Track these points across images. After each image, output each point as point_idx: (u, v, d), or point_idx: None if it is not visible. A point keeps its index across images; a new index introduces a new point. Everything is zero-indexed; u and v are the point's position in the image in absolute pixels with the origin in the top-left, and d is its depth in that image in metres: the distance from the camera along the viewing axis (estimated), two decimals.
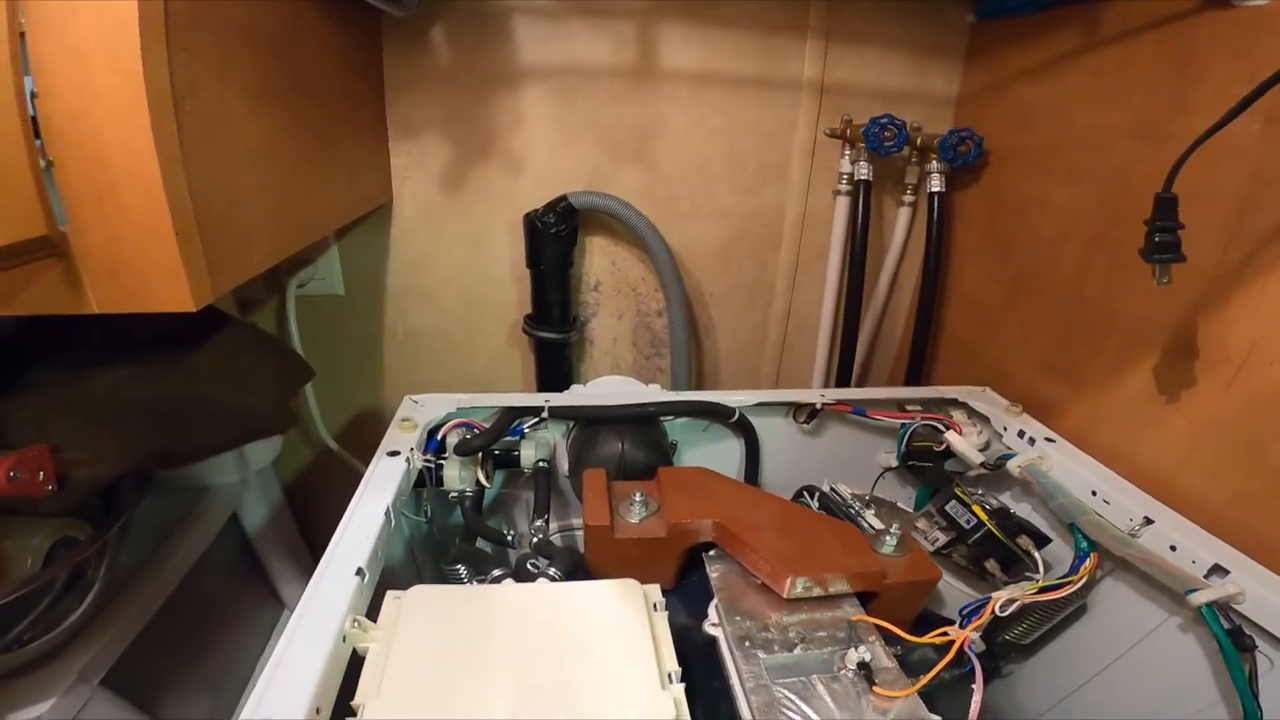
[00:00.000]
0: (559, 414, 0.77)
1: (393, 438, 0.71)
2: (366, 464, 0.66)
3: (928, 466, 0.81)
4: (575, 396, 0.79)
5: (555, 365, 1.00)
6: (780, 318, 1.04)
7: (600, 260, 0.98)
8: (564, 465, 0.83)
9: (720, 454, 0.83)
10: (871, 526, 0.71)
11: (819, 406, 0.80)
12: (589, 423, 0.78)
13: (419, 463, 0.69)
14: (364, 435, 1.09)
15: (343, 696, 0.43)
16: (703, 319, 1.04)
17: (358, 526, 0.57)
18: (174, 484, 0.89)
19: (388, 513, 0.59)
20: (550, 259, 0.90)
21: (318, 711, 0.40)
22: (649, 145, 0.92)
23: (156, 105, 0.41)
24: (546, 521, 0.71)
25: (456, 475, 0.74)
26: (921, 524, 0.73)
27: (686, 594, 0.64)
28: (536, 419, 0.78)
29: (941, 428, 0.79)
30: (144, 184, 0.41)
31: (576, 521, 0.88)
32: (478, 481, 0.76)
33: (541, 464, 0.78)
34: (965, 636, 0.51)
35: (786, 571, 0.56)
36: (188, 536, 0.83)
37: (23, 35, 0.38)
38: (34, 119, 0.39)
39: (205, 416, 0.74)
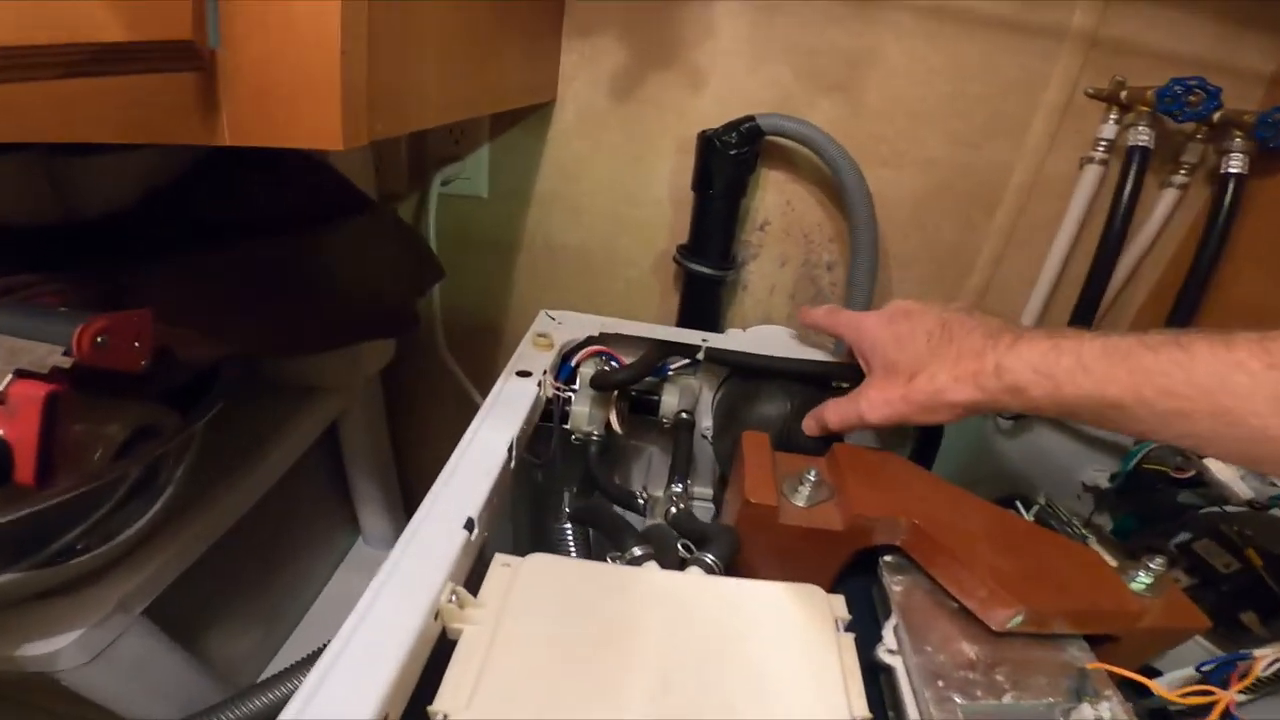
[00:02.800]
0: (718, 358, 0.66)
1: (526, 354, 0.61)
2: (479, 387, 0.57)
3: (1154, 494, 0.65)
4: (737, 341, 0.68)
5: (703, 305, 0.89)
6: (973, 294, 0.88)
7: (774, 197, 0.85)
8: (703, 421, 0.72)
9: (881, 442, 0.70)
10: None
11: None
12: (749, 375, 0.66)
13: (550, 390, 0.60)
14: (479, 355, 1.02)
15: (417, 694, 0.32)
16: (878, 283, 0.89)
17: (473, 463, 0.47)
18: (277, 380, 0.83)
19: (510, 448, 0.50)
20: (722, 183, 0.78)
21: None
22: (855, 77, 0.77)
23: None
24: (686, 488, 0.61)
25: (586, 414, 0.64)
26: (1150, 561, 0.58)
27: None
28: (687, 360, 0.68)
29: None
30: None
31: (700, 490, 0.77)
32: (608, 424, 0.66)
33: (684, 415, 0.68)
34: (1230, 699, 0.41)
35: (1009, 598, 0.42)
36: (280, 444, 0.75)
37: None
38: None
39: (331, 302, 0.67)
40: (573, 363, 0.65)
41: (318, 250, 0.65)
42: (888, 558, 0.51)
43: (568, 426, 0.65)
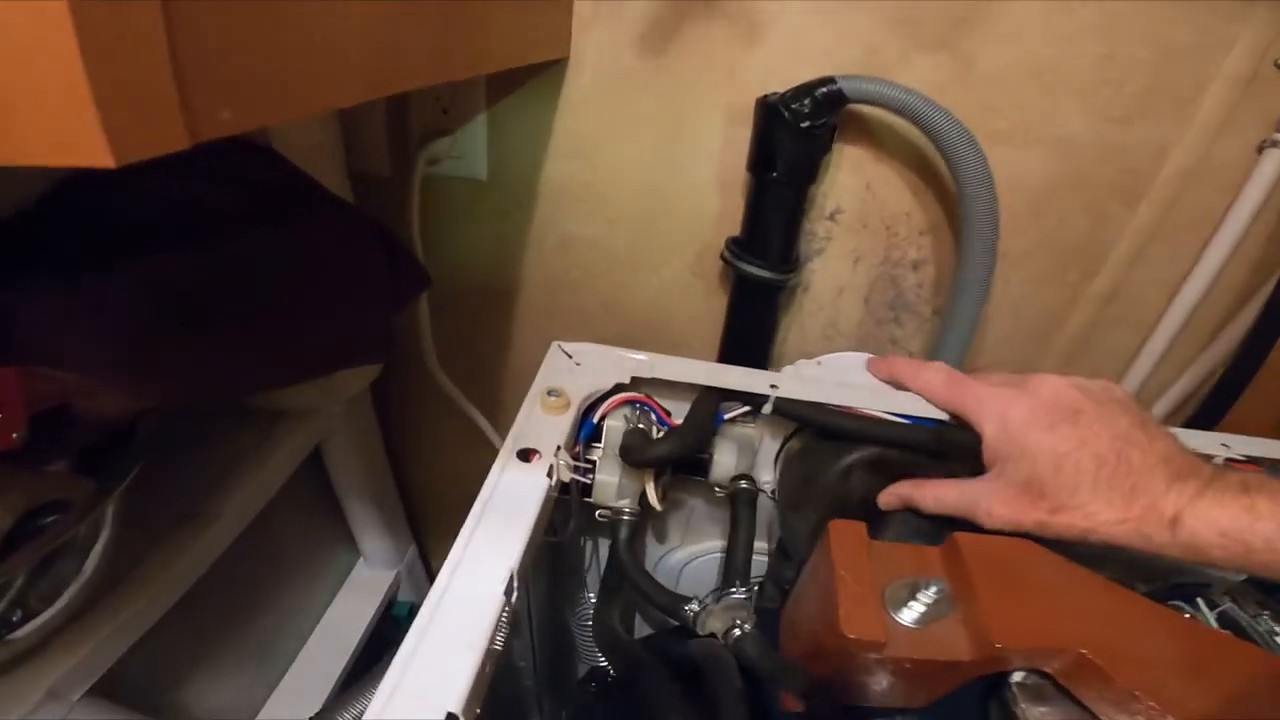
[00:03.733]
0: (792, 413, 0.49)
1: (530, 422, 0.45)
2: (482, 406, 0.42)
3: None
4: (809, 379, 0.51)
5: (756, 316, 0.72)
6: (1097, 300, 0.70)
7: (849, 179, 0.67)
8: (761, 475, 0.56)
9: None
10: None
11: (1221, 461, 0.49)
12: (828, 433, 0.50)
13: (567, 473, 0.44)
14: (480, 370, 0.86)
15: None
16: None
17: (453, 622, 0.33)
18: (243, 405, 0.69)
19: (510, 586, 0.34)
20: (789, 164, 0.60)
21: None
22: (964, 31, 0.58)
23: None
24: (754, 592, 0.45)
25: (615, 485, 0.48)
26: None
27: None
28: (745, 409, 0.51)
29: None
30: None
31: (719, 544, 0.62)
32: (642, 498, 0.50)
33: (744, 484, 0.52)
34: None
35: None
36: (248, 483, 0.63)
37: None
38: None
39: (274, 329, 0.51)
40: (595, 417, 0.49)
41: (250, 263, 0.48)
42: (1020, 678, 0.38)
43: (591, 500, 0.49)
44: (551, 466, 0.42)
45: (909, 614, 0.37)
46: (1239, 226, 0.61)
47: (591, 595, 0.56)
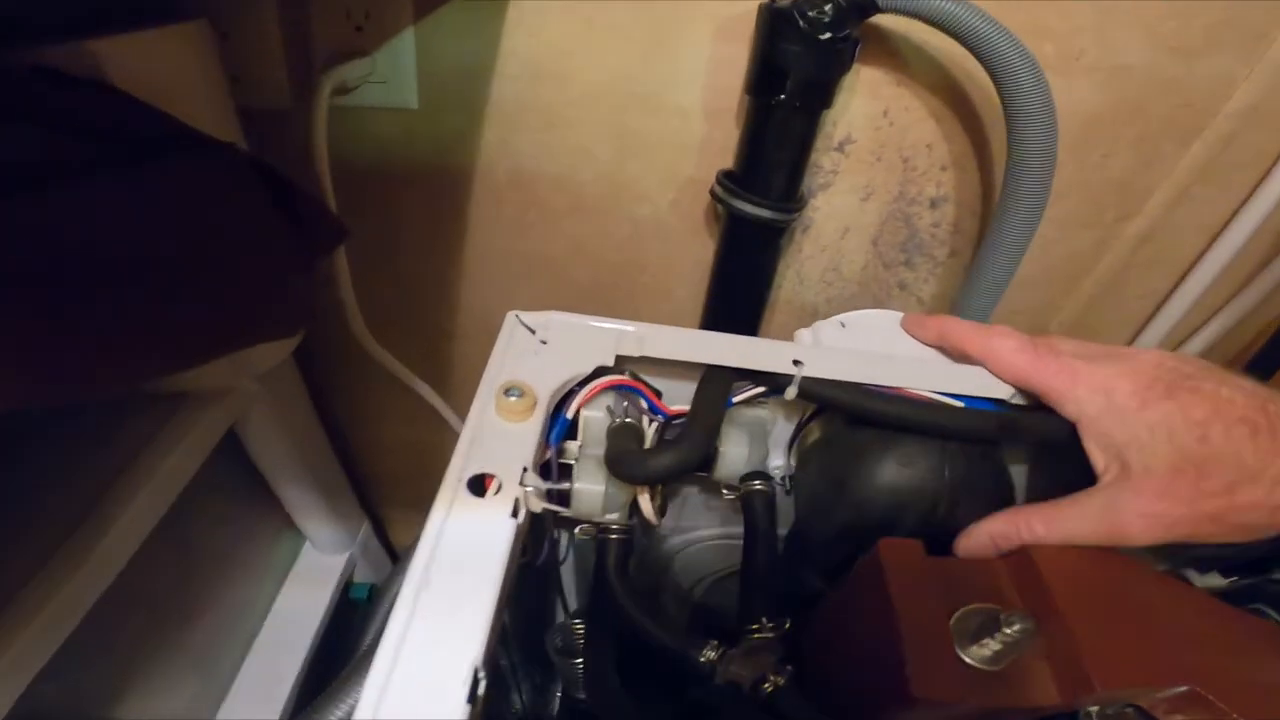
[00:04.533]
0: (822, 397, 0.39)
1: (481, 435, 0.34)
2: (424, 373, 0.33)
3: None
4: (845, 356, 0.40)
5: (752, 260, 0.62)
6: (1130, 242, 0.62)
7: (865, 105, 0.56)
8: (773, 459, 0.47)
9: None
10: None
11: None
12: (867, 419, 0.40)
13: (537, 503, 0.34)
14: (421, 334, 0.75)
15: None
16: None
17: None
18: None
19: (473, 694, 0.25)
20: (802, 83, 0.48)
21: None
22: None
23: None
24: (780, 629, 0.37)
25: (599, 496, 0.39)
26: None
27: None
28: (759, 390, 0.41)
29: None
30: None
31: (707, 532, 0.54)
32: (634, 508, 0.41)
33: (759, 484, 0.42)
34: None
35: None
36: (150, 473, 0.52)
37: None
38: None
39: (129, 311, 0.39)
40: (569, 413, 0.39)
41: (103, 229, 0.36)
42: (1099, 708, 0.32)
43: (569, 513, 0.40)
44: (517, 500, 0.31)
45: (983, 651, 0.31)
46: None
47: (576, 624, 0.47)
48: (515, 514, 0.31)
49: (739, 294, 0.65)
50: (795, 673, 0.35)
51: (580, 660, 0.46)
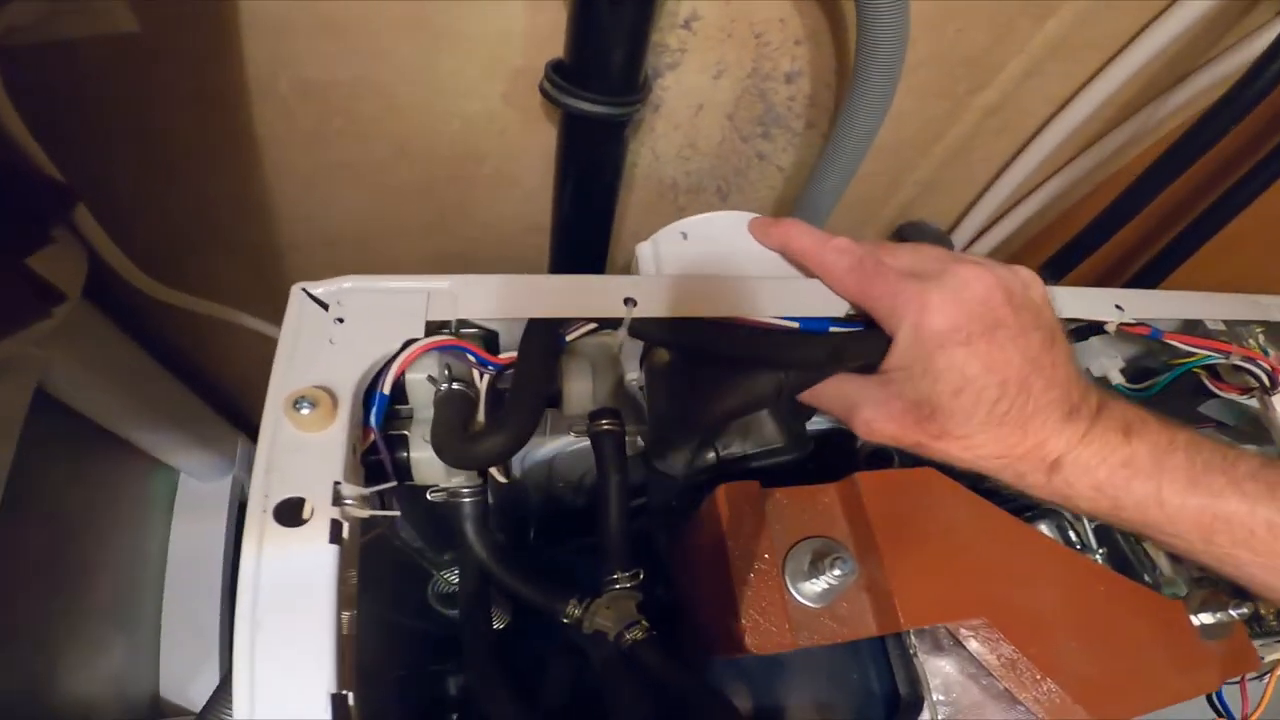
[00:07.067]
0: (654, 337, 0.38)
1: (277, 456, 0.29)
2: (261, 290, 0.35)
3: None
4: (681, 284, 0.38)
5: (595, 158, 0.57)
6: (980, 111, 0.61)
7: None
8: (629, 370, 0.45)
9: None
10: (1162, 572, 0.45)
11: (1111, 329, 0.45)
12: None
13: (361, 511, 0.30)
14: (247, 254, 0.66)
15: None
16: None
17: None
18: None
19: (341, 703, 0.25)
20: None
21: None
22: None
23: None
24: (639, 580, 0.37)
25: (441, 464, 0.36)
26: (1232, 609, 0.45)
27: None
28: (588, 325, 0.38)
29: (1261, 375, 0.46)
30: None
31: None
32: (483, 471, 0.39)
33: (606, 424, 0.40)
34: None
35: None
36: None
37: None
38: None
39: None
40: (385, 388, 0.35)
41: None
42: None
43: (413, 482, 0.38)
44: (335, 522, 0.28)
45: (813, 589, 0.34)
46: (1153, 46, 0.52)
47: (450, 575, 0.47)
48: (336, 539, 0.28)
49: (587, 188, 0.60)
50: (658, 614, 0.36)
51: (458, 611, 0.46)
